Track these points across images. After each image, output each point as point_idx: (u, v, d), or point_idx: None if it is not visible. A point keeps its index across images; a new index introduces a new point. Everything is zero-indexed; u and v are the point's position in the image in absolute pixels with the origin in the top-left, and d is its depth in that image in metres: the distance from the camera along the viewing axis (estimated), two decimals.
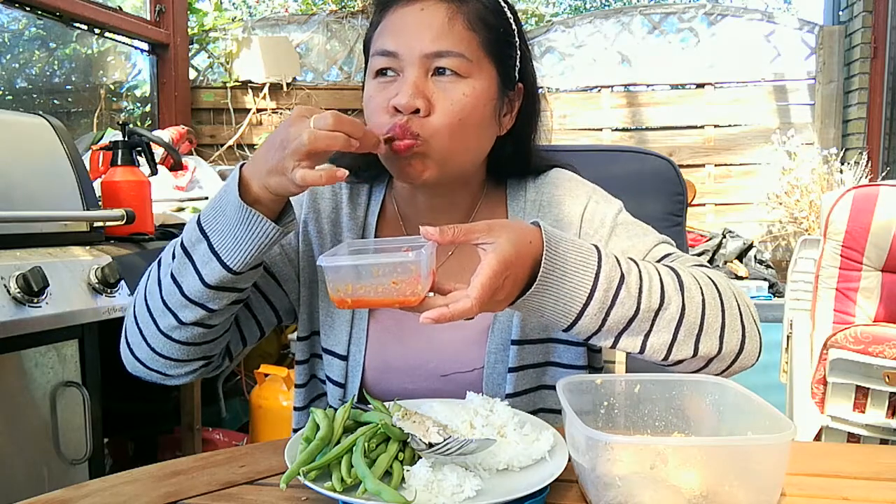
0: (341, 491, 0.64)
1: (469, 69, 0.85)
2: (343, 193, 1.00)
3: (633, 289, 0.78)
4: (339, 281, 0.74)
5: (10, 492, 1.24)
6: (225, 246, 0.79)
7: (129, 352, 0.89)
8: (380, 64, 0.86)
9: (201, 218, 0.81)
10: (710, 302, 0.82)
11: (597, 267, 0.77)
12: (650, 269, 0.81)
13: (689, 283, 0.81)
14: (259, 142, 3.67)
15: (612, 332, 0.79)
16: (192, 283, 0.81)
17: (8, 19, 2.64)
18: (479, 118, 0.88)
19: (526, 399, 0.93)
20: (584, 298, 0.76)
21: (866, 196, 1.86)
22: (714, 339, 0.81)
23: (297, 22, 3.82)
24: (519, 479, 0.68)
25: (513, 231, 0.74)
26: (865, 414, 1.59)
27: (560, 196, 0.98)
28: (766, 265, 3.18)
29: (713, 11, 3.73)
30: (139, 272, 1.48)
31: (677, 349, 0.80)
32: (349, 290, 0.74)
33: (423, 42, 0.84)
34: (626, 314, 0.78)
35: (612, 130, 3.74)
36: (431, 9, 0.85)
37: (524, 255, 0.74)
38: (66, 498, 0.70)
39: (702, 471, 0.63)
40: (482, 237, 0.73)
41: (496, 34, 0.88)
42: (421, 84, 0.84)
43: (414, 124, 0.83)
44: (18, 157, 1.40)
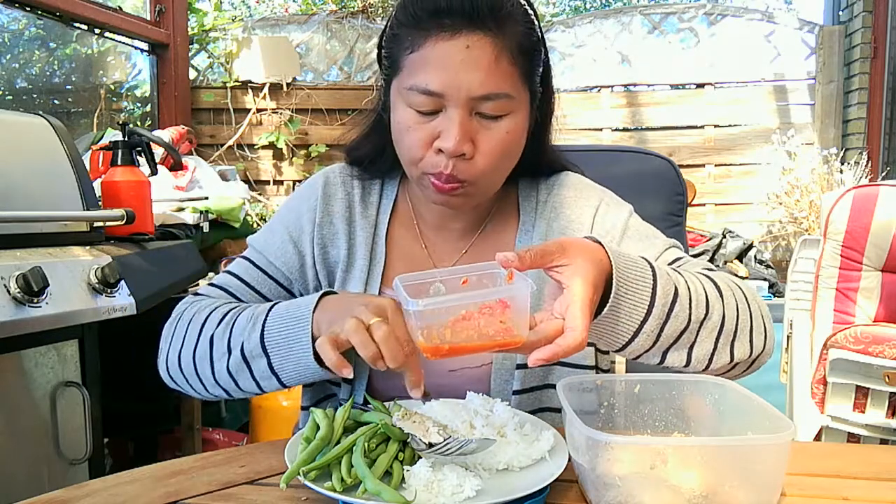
0: (341, 491, 0.64)
1: (511, 106, 0.84)
2: (355, 192, 1.00)
3: (685, 301, 0.77)
4: (436, 326, 0.65)
5: (10, 492, 1.24)
6: (285, 374, 0.81)
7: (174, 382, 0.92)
8: (422, 104, 0.83)
9: (265, 336, 0.81)
10: (741, 306, 0.82)
11: (653, 283, 0.75)
12: (692, 279, 0.80)
13: (725, 290, 0.82)
14: (259, 142, 3.68)
15: (662, 348, 0.78)
16: (248, 385, 0.85)
17: (8, 19, 2.64)
18: (517, 149, 0.89)
19: (532, 397, 0.93)
20: (643, 316, 0.75)
21: (866, 196, 1.86)
22: (746, 343, 0.82)
23: (297, 22, 3.82)
24: (519, 479, 0.68)
25: (587, 251, 0.72)
26: (865, 414, 1.59)
27: (572, 198, 0.98)
28: (766, 265, 3.18)
29: (713, 11, 3.73)
30: (139, 272, 1.48)
31: (717, 357, 0.80)
32: (447, 335, 0.65)
33: (472, 85, 0.80)
34: (678, 328, 0.77)
35: (612, 130, 3.74)
36: (477, 46, 0.80)
37: (601, 275, 0.72)
38: (66, 498, 0.70)
39: (702, 471, 0.63)
40: (557, 258, 0.70)
41: (531, 60, 0.87)
42: (467, 126, 0.82)
43: (459, 170, 0.83)
44: (18, 157, 1.40)
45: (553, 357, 0.67)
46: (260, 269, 0.98)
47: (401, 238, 0.99)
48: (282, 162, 3.75)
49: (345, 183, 1.01)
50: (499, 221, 1.00)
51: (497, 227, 1.00)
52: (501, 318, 0.66)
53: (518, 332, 0.66)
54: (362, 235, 0.97)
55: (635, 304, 0.74)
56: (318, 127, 3.73)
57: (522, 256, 0.69)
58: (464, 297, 0.66)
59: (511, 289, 0.66)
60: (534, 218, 0.98)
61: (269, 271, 0.98)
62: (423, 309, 0.65)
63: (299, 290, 0.99)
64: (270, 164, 3.74)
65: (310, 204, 0.99)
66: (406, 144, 0.86)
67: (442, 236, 0.99)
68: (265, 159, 3.74)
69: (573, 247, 0.71)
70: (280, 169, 3.75)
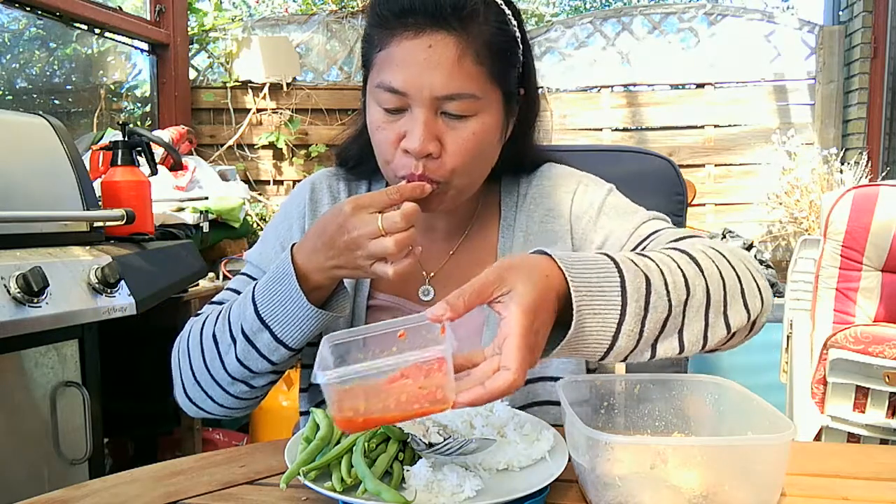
0: (341, 491, 0.64)
1: (477, 106, 0.83)
2: (342, 197, 1.01)
3: (660, 288, 0.71)
4: (347, 398, 0.59)
5: (10, 492, 1.24)
6: (289, 335, 0.82)
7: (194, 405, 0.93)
8: (387, 101, 0.84)
9: (259, 307, 0.83)
10: (725, 273, 0.77)
11: (620, 280, 0.69)
12: (665, 260, 0.75)
13: (703, 260, 0.77)
14: (259, 142, 3.68)
15: (649, 342, 0.72)
16: (260, 365, 0.85)
17: (8, 19, 2.64)
18: (488, 149, 0.88)
19: (524, 391, 0.93)
20: (618, 317, 0.69)
21: (866, 196, 1.86)
22: (741, 308, 0.77)
23: (297, 22, 3.82)
24: (519, 479, 0.68)
25: (526, 271, 0.66)
26: (865, 414, 1.59)
27: (550, 187, 0.98)
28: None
29: (713, 11, 3.72)
30: (139, 272, 1.48)
31: (712, 333, 0.75)
32: (361, 407, 0.59)
33: (434, 84, 0.80)
34: (660, 318, 0.71)
35: (612, 130, 3.74)
36: (440, 46, 0.80)
37: (547, 293, 0.65)
38: (66, 498, 0.70)
39: (702, 471, 0.63)
40: (496, 290, 0.64)
41: (502, 59, 0.86)
42: (431, 126, 0.82)
43: (428, 170, 0.83)
44: (18, 157, 1.40)
45: (478, 401, 0.60)
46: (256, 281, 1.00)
47: None
48: (282, 162, 3.74)
49: (331, 187, 1.02)
50: (483, 221, 1.00)
51: (481, 227, 1.00)
52: (421, 385, 0.59)
53: (443, 394, 0.59)
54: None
55: (605, 308, 0.68)
56: (318, 127, 3.73)
57: (455, 305, 0.63)
58: (376, 364, 0.59)
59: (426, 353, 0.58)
60: (515, 213, 0.98)
61: None
62: (326, 382, 0.59)
63: None
64: (270, 164, 3.74)
65: (298, 211, 1.00)
66: (377, 144, 0.87)
67: (428, 238, 0.99)
68: (265, 159, 3.74)
69: (512, 271, 0.65)
70: (280, 169, 3.75)
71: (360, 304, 0.97)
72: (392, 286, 0.97)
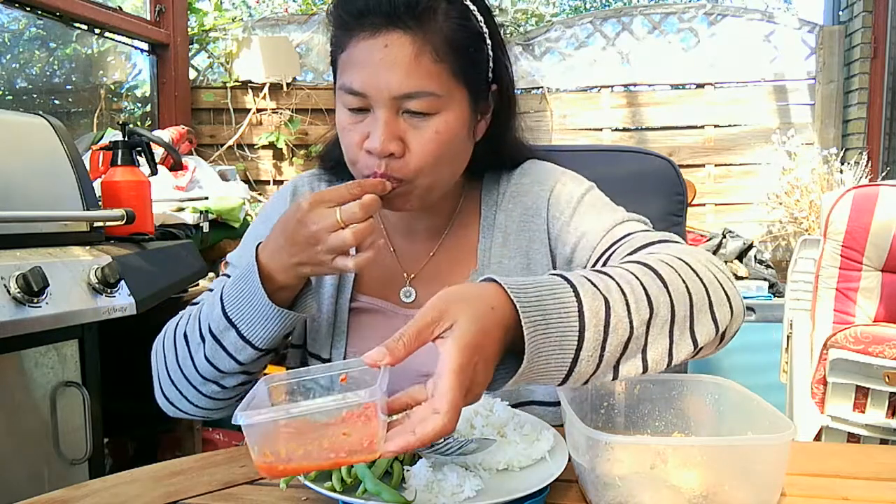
0: (341, 491, 0.64)
1: (439, 104, 0.83)
2: None
3: (620, 310, 0.67)
4: (267, 442, 0.56)
5: (10, 492, 1.24)
6: (255, 334, 0.82)
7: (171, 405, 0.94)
8: (350, 102, 0.84)
9: (225, 306, 0.83)
10: (692, 286, 0.72)
11: (577, 303, 0.65)
12: (625, 277, 0.71)
13: (668, 273, 0.72)
14: (259, 142, 3.68)
15: (610, 364, 0.68)
16: (228, 364, 0.85)
17: (8, 19, 2.64)
18: (455, 147, 0.87)
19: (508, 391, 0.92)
20: (575, 343, 0.65)
21: (866, 196, 1.86)
22: (708, 322, 0.73)
23: (297, 22, 3.82)
24: (519, 479, 0.68)
25: (468, 303, 0.61)
26: (865, 414, 1.59)
27: (528, 185, 0.97)
28: (766, 265, 3.18)
29: (713, 11, 3.72)
30: (139, 272, 1.48)
31: (677, 350, 0.71)
32: (282, 453, 0.56)
33: (391, 84, 0.80)
34: (621, 340, 0.67)
35: (612, 130, 3.74)
36: (396, 45, 0.80)
37: (491, 327, 0.61)
38: (66, 498, 0.70)
39: (702, 471, 0.63)
40: (437, 328, 0.60)
41: (465, 56, 0.84)
42: (392, 126, 0.82)
43: (391, 169, 0.83)
44: (18, 157, 1.40)
45: (406, 448, 0.57)
46: None
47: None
48: (282, 162, 3.75)
49: (313, 189, 1.01)
50: (463, 220, 0.99)
51: (462, 226, 0.99)
52: (345, 431, 0.56)
53: (370, 443, 0.56)
54: None
55: (561, 334, 0.64)
56: (318, 127, 3.73)
57: (394, 348, 0.59)
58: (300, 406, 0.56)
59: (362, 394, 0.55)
60: (494, 212, 0.97)
61: None
62: (249, 423, 0.55)
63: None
64: (270, 164, 3.74)
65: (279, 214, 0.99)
66: (344, 145, 0.88)
67: (409, 238, 0.99)
68: (265, 159, 3.74)
69: (454, 305, 0.61)
70: (280, 169, 3.75)
71: (343, 307, 0.96)
72: (374, 288, 0.97)
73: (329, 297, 0.97)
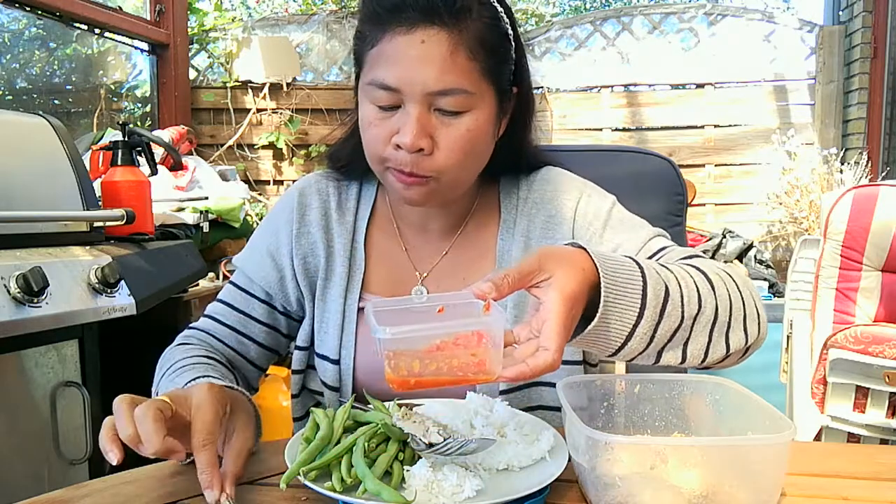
0: (341, 491, 0.64)
1: (471, 102, 0.83)
2: (331, 200, 1.00)
3: (676, 299, 0.74)
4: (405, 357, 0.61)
5: (10, 492, 1.24)
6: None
7: None
8: (380, 98, 0.83)
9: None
10: (733, 295, 0.79)
11: (643, 284, 0.72)
12: (682, 273, 0.77)
13: (715, 280, 0.79)
14: (259, 142, 3.68)
15: (657, 348, 0.74)
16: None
17: (8, 19, 2.64)
18: (480, 146, 0.88)
19: (521, 395, 0.93)
20: (635, 319, 0.71)
21: (866, 196, 1.86)
22: (741, 332, 0.79)
23: (297, 22, 3.82)
24: (519, 479, 0.68)
25: (566, 261, 0.68)
26: (865, 414, 1.59)
27: (552, 192, 0.97)
28: (766, 265, 3.18)
29: (713, 11, 3.73)
30: (139, 272, 1.48)
31: (712, 350, 0.77)
32: (416, 367, 0.62)
33: (427, 80, 0.80)
34: (672, 327, 0.73)
35: (612, 130, 3.74)
36: (433, 41, 0.80)
37: (583, 284, 0.68)
38: (66, 498, 0.70)
39: (702, 471, 0.63)
40: (536, 276, 0.67)
41: (494, 55, 0.85)
42: (424, 122, 0.82)
43: (419, 166, 0.83)
44: (18, 157, 1.40)
45: (520, 376, 0.63)
46: (242, 291, 1.00)
47: (380, 242, 0.99)
48: (282, 162, 3.75)
49: (320, 191, 1.00)
50: (479, 220, 0.99)
51: (478, 226, 0.99)
52: (473, 352, 0.62)
53: (490, 366, 0.62)
54: (340, 242, 0.97)
55: (626, 307, 0.70)
56: (318, 127, 3.73)
57: (499, 284, 0.65)
58: (435, 327, 0.63)
59: (484, 321, 0.62)
60: (515, 215, 0.98)
61: (251, 290, 1.00)
62: (390, 337, 0.60)
63: (281, 305, 1.00)
64: (270, 164, 3.74)
65: (286, 217, 0.99)
66: (367, 140, 0.87)
67: (422, 237, 0.99)
68: (265, 159, 3.74)
69: (551, 259, 0.68)
70: (280, 169, 3.75)
71: (351, 307, 0.96)
72: (384, 287, 0.97)
73: (337, 296, 0.96)
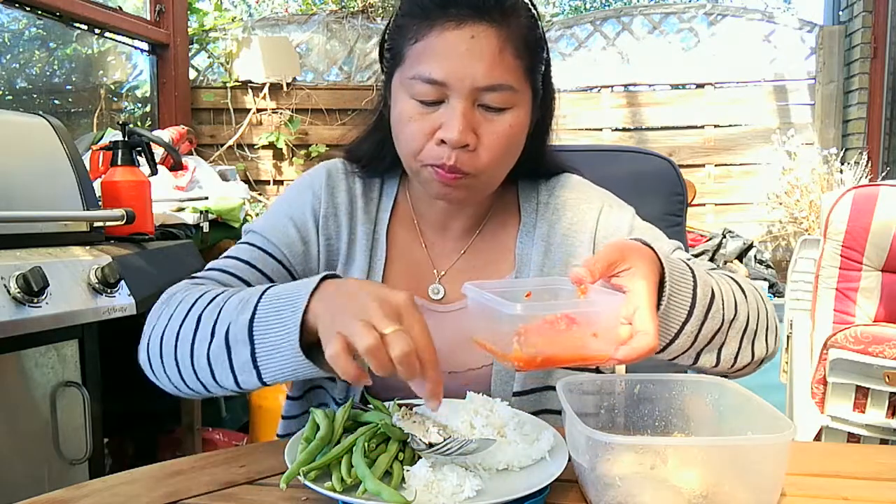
0: (341, 491, 0.64)
1: (514, 100, 0.84)
2: (357, 187, 0.99)
3: (719, 302, 0.78)
4: (535, 336, 0.63)
5: (10, 492, 1.24)
6: (268, 367, 0.70)
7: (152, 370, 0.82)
8: (424, 93, 0.82)
9: (255, 321, 0.70)
10: (759, 306, 0.84)
11: (693, 284, 0.76)
12: (719, 279, 0.82)
13: (747, 290, 0.84)
14: (259, 142, 3.67)
15: (698, 349, 0.79)
16: (225, 377, 0.74)
17: (8, 19, 2.64)
18: (518, 145, 0.89)
19: (532, 398, 0.93)
20: (685, 317, 0.75)
21: (866, 196, 1.85)
22: (763, 342, 0.84)
23: (297, 22, 3.82)
24: (519, 479, 0.68)
25: (643, 253, 0.73)
26: (865, 414, 1.59)
27: (574, 200, 0.98)
28: (766, 265, 3.18)
29: (713, 11, 3.73)
30: (139, 272, 1.48)
31: (741, 356, 0.82)
32: (544, 346, 0.63)
33: (476, 75, 0.81)
34: (713, 328, 0.78)
35: (612, 130, 3.74)
36: (482, 37, 0.81)
37: (658, 277, 0.73)
38: (66, 498, 0.70)
39: (702, 471, 0.63)
40: (619, 265, 0.71)
41: (535, 56, 0.87)
42: (469, 117, 0.82)
43: (462, 162, 0.83)
44: (18, 157, 1.40)
45: (627, 359, 0.67)
46: (262, 250, 0.93)
47: (401, 237, 0.99)
48: (282, 162, 3.75)
49: (347, 177, 0.99)
50: (498, 222, 1.00)
51: (496, 228, 1.00)
52: (595, 332, 0.65)
53: (609, 343, 0.66)
54: (363, 231, 0.96)
55: (679, 305, 0.75)
56: (318, 127, 3.73)
57: (593, 269, 0.69)
58: (562, 305, 0.66)
59: (606, 302, 0.66)
60: (535, 219, 0.98)
61: (271, 252, 0.93)
62: (522, 314, 0.62)
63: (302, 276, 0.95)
64: (270, 164, 3.74)
65: (314, 192, 0.97)
66: (406, 135, 0.85)
67: (442, 236, 0.99)
68: (265, 159, 3.74)
69: (631, 251, 0.72)
70: (280, 169, 3.75)
71: None
72: (403, 282, 0.96)
73: None
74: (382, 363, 0.62)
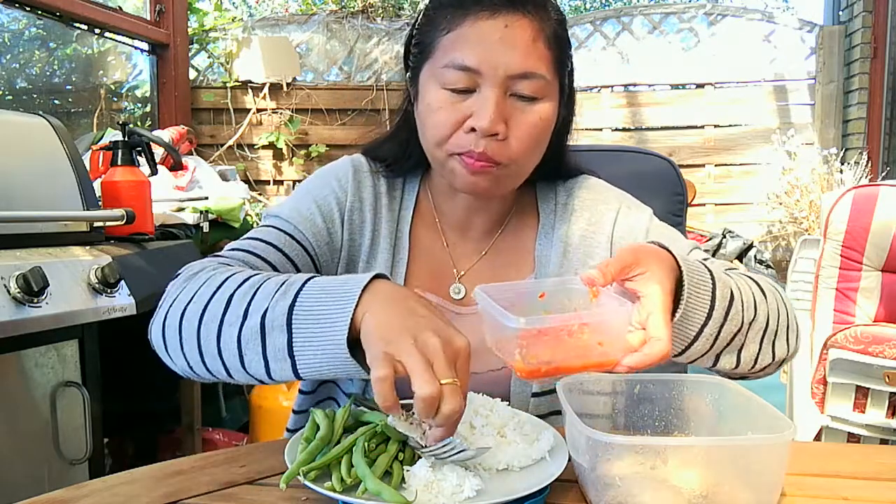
0: (341, 491, 0.64)
1: (546, 90, 0.85)
2: (381, 183, 0.98)
3: (738, 303, 0.77)
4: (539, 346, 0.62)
5: (10, 492, 1.24)
6: (305, 359, 0.67)
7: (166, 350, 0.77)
8: (456, 81, 0.83)
9: (295, 309, 0.67)
10: (780, 306, 0.84)
11: (712, 286, 0.75)
12: (739, 280, 0.81)
13: (767, 290, 0.83)
14: (259, 142, 3.67)
15: (717, 351, 0.78)
16: (255, 364, 0.69)
17: (8, 19, 2.64)
18: (546, 137, 0.89)
19: (551, 398, 0.93)
20: (703, 320, 0.75)
21: (866, 196, 1.86)
22: (784, 342, 0.83)
23: (297, 22, 3.82)
24: (519, 479, 0.68)
25: (659, 257, 0.72)
26: (865, 414, 1.59)
27: (592, 200, 0.99)
28: (766, 265, 3.18)
29: (713, 11, 3.73)
30: (139, 272, 1.48)
31: (761, 358, 0.81)
32: (547, 356, 0.63)
33: (509, 63, 0.81)
34: (733, 330, 0.77)
35: (612, 130, 3.74)
36: (516, 26, 0.82)
37: (674, 282, 0.72)
38: (66, 498, 0.70)
39: (702, 471, 0.63)
40: (633, 269, 0.70)
41: (564, 52, 0.88)
42: (501, 105, 0.82)
43: (492, 150, 0.83)
44: (18, 157, 1.40)
45: (640, 365, 0.66)
46: (288, 235, 0.89)
47: (423, 236, 0.99)
48: (282, 162, 3.75)
49: (371, 172, 0.99)
50: (518, 223, 1.00)
51: (516, 229, 1.00)
52: (601, 340, 0.64)
53: (616, 350, 0.65)
54: (386, 228, 0.96)
55: (697, 308, 0.74)
56: (318, 127, 3.73)
57: (605, 272, 0.69)
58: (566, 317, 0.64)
59: (610, 310, 0.65)
60: (553, 220, 0.98)
61: (297, 237, 0.90)
62: (527, 328, 0.61)
63: (325, 266, 0.94)
64: (270, 164, 3.74)
65: (340, 184, 0.96)
66: (434, 124, 0.85)
67: (463, 237, 0.99)
68: (265, 159, 3.74)
69: (646, 254, 0.71)
70: (280, 169, 3.75)
71: None
72: (425, 281, 0.96)
73: None
74: (430, 413, 0.59)
